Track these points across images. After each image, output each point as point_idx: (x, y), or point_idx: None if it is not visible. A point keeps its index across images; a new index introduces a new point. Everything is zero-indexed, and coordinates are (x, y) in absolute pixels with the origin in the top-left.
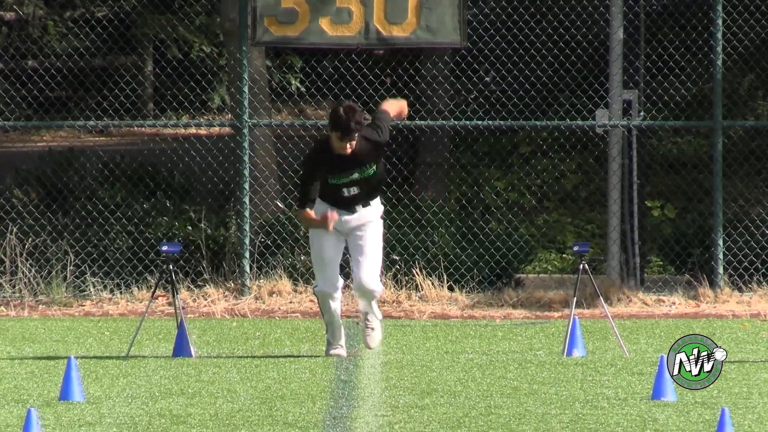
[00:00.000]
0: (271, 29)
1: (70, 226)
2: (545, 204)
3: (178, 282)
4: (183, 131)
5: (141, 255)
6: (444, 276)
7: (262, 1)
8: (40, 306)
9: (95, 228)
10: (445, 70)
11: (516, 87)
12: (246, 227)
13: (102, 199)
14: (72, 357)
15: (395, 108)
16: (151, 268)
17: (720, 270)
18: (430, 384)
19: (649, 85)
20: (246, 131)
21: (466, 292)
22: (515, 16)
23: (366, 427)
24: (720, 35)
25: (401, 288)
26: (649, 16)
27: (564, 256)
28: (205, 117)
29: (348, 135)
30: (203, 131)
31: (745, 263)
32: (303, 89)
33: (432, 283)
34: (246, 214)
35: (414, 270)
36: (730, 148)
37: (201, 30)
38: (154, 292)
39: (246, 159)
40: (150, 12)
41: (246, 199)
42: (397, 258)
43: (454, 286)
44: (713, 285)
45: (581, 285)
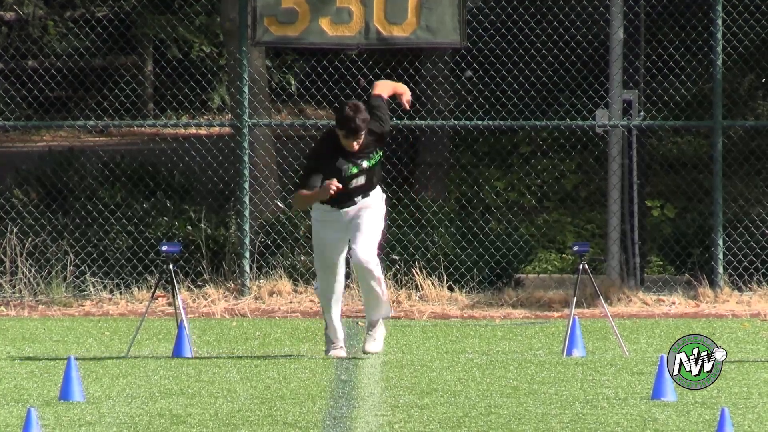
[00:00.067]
0: (271, 29)
1: (70, 226)
2: (545, 204)
3: (178, 282)
4: (183, 131)
5: (141, 255)
6: (444, 276)
7: (262, 1)
8: (40, 306)
9: (95, 228)
10: (445, 70)
11: (516, 87)
12: (246, 227)
13: (102, 199)
14: (72, 357)
15: (388, 89)
16: (151, 268)
17: (720, 270)
18: (430, 384)
19: (649, 85)
20: (246, 131)
21: (466, 292)
22: (515, 16)
23: (366, 427)
24: (720, 35)
25: (401, 288)
26: (649, 16)
27: (564, 256)
28: (205, 117)
29: (354, 134)
30: (203, 131)
31: (745, 263)
32: (297, 88)
33: (432, 283)
34: (246, 214)
35: (414, 270)
36: (730, 148)
37: (201, 30)
38: (154, 292)
39: (246, 159)
40: (150, 12)
41: (246, 199)
42: (397, 258)
43: (454, 286)
44: (713, 285)
45: (581, 285)
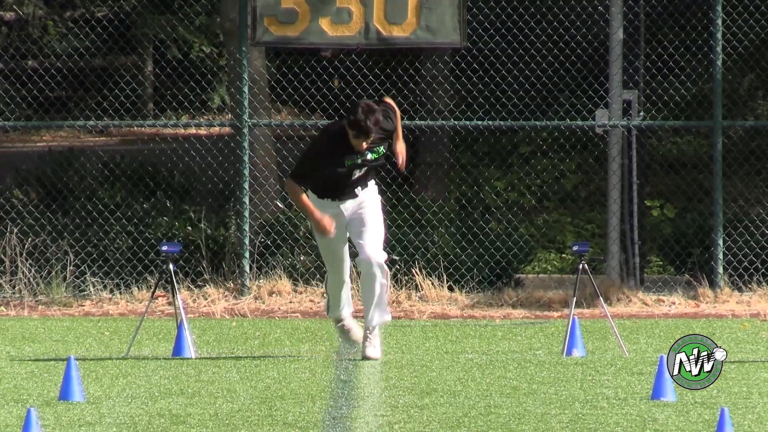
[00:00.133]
0: (271, 29)
1: (70, 226)
2: (545, 204)
3: (178, 282)
4: (183, 131)
5: (141, 255)
6: (444, 276)
7: (262, 1)
8: (39, 306)
9: (95, 228)
10: (445, 70)
11: (516, 87)
12: (246, 227)
13: (102, 199)
14: (72, 357)
15: (398, 125)
16: (151, 268)
17: (720, 270)
18: (429, 384)
19: (649, 85)
20: (246, 131)
21: (465, 292)
22: (515, 16)
23: (366, 427)
24: (720, 35)
25: (401, 288)
26: (649, 16)
27: (564, 256)
28: (205, 117)
29: (365, 136)
30: (203, 131)
31: (745, 263)
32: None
33: (432, 283)
34: (246, 214)
35: (414, 270)
36: (730, 148)
37: (201, 30)
38: (153, 292)
39: (246, 159)
40: (150, 12)
41: (246, 199)
42: (397, 258)
43: (453, 286)
44: (713, 285)
45: (581, 285)
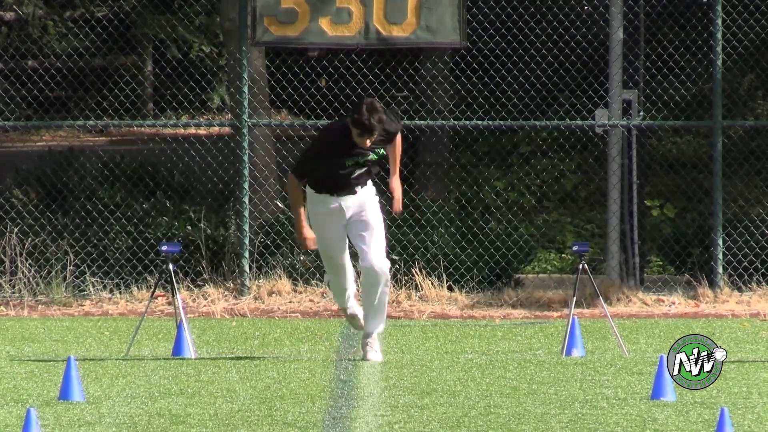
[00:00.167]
0: (271, 29)
1: (69, 226)
2: (545, 204)
3: (177, 282)
4: (183, 131)
5: (141, 255)
6: (444, 276)
7: (262, 1)
8: (39, 306)
9: (95, 228)
10: (445, 69)
11: (516, 87)
12: (245, 227)
13: (102, 199)
14: (71, 357)
15: (397, 158)
16: (151, 268)
17: (720, 270)
18: (429, 384)
19: (649, 85)
20: (246, 131)
21: (465, 292)
22: (515, 16)
23: (366, 427)
24: (720, 35)
25: (401, 288)
26: (649, 16)
27: (563, 255)
28: (205, 117)
29: (369, 134)
30: (203, 131)
31: (745, 263)
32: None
33: (432, 283)
34: (246, 214)
35: (414, 270)
36: (729, 148)
37: (201, 30)
38: (153, 291)
39: (246, 159)
40: (150, 12)
41: (246, 199)
42: (397, 258)
43: (453, 286)
44: (713, 285)
45: (581, 285)
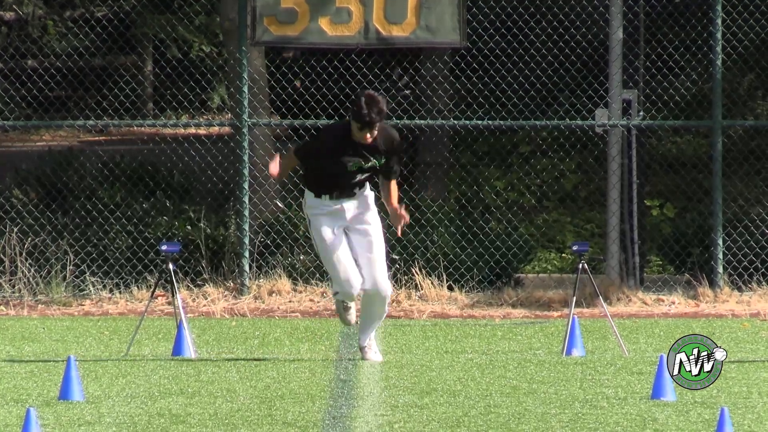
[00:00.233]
0: (271, 29)
1: (69, 225)
2: (545, 203)
3: (177, 281)
4: (183, 131)
5: (141, 255)
6: (444, 275)
7: (261, 1)
8: (39, 306)
9: (95, 228)
10: (445, 69)
11: (516, 87)
12: (245, 227)
13: (102, 199)
14: (71, 356)
15: (395, 195)
16: (151, 267)
17: (720, 270)
18: (429, 383)
19: (649, 85)
20: (245, 131)
21: (465, 291)
22: (515, 16)
23: (365, 427)
24: (720, 35)
25: (401, 287)
26: (649, 16)
27: (563, 255)
28: (205, 117)
29: (369, 127)
30: (203, 131)
31: (745, 263)
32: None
33: (432, 283)
34: (245, 213)
35: (414, 269)
36: (729, 147)
37: (201, 30)
38: (153, 291)
39: (246, 159)
40: (150, 12)
41: (245, 199)
42: (397, 258)
43: (453, 285)
44: (713, 285)
45: (581, 284)
